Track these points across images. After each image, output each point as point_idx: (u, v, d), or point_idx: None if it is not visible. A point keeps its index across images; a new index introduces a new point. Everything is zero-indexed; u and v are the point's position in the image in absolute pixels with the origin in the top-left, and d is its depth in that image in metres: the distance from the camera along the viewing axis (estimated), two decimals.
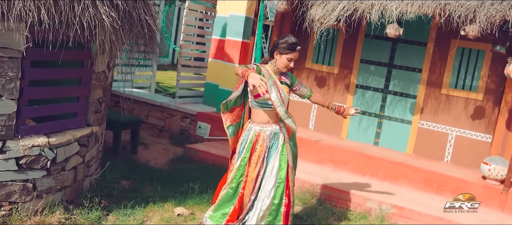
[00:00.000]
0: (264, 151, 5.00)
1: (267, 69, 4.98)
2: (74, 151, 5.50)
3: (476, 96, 8.44)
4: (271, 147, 5.02)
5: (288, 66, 4.94)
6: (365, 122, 9.34)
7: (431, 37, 8.70)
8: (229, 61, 9.99)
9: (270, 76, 4.93)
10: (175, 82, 11.45)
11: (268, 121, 5.02)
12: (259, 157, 5.01)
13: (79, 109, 5.69)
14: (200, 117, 9.86)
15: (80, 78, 5.59)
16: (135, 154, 8.47)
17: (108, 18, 4.75)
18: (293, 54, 4.88)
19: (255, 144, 5.01)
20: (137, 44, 5.70)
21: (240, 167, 5.05)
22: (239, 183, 5.07)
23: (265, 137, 4.99)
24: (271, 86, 4.87)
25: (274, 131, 5.02)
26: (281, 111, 4.94)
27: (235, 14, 9.95)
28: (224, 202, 5.12)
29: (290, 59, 4.89)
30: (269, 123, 5.03)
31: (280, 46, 4.90)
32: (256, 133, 5.01)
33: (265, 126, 5.02)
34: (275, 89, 4.88)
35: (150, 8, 5.84)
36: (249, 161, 5.03)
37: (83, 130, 5.65)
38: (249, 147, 5.02)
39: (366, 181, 7.96)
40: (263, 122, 5.02)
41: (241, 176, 5.06)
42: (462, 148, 8.57)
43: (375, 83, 9.26)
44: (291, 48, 4.87)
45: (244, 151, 5.05)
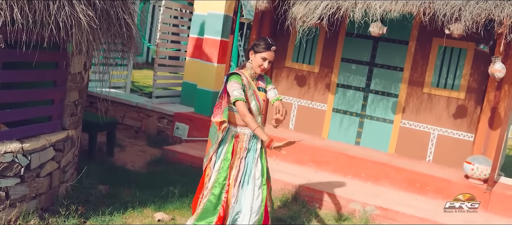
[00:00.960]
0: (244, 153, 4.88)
1: (246, 77, 4.85)
2: (49, 157, 5.25)
3: (458, 95, 8.37)
4: (250, 149, 4.90)
5: (262, 67, 4.75)
6: (346, 121, 9.22)
7: (413, 36, 8.62)
8: (207, 60, 9.78)
9: (250, 85, 4.82)
10: (150, 81, 11.22)
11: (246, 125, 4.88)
12: (239, 159, 4.88)
13: (54, 113, 5.44)
14: (177, 117, 9.65)
15: (55, 80, 5.35)
16: (111, 156, 8.23)
17: (85, 17, 4.51)
18: (267, 53, 4.72)
19: (235, 146, 4.89)
20: (115, 44, 5.47)
21: (222, 171, 4.89)
22: (222, 188, 4.89)
23: (245, 138, 4.87)
24: (251, 96, 4.79)
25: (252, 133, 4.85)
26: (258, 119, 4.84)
27: (214, 12, 9.74)
28: (207, 210, 4.92)
29: (264, 58, 4.72)
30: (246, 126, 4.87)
31: (255, 45, 4.79)
32: (235, 134, 4.90)
33: (244, 128, 4.88)
34: (254, 99, 4.81)
35: (128, 6, 5.61)
36: (230, 164, 4.88)
37: (58, 134, 5.40)
38: (229, 149, 4.89)
39: (348, 182, 7.85)
40: (242, 124, 4.87)
41: (224, 179, 4.89)
42: (444, 148, 8.50)
43: (356, 82, 9.14)
44: (266, 48, 4.72)
45: (223, 153, 4.91)
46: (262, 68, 4.77)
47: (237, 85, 4.69)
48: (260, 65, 4.75)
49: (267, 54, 4.72)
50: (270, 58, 4.74)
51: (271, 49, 4.72)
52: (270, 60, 4.75)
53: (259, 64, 4.75)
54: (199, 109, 9.79)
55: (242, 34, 24.58)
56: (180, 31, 11.35)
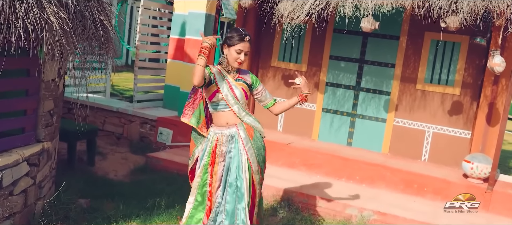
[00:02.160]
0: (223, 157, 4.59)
1: (218, 69, 4.58)
2: (23, 173, 4.80)
3: (452, 90, 8.06)
4: (230, 152, 4.59)
5: (238, 60, 4.46)
6: (337, 121, 8.87)
7: (404, 30, 8.29)
8: (190, 61, 9.37)
9: (222, 74, 4.54)
10: (131, 84, 10.77)
11: (227, 123, 4.62)
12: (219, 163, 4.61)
13: (27, 124, 4.99)
14: (161, 122, 9.23)
15: (26, 88, 4.90)
16: (92, 166, 7.80)
17: (56, 19, 4.07)
18: (241, 44, 4.41)
19: (216, 149, 4.60)
20: (91, 47, 5.04)
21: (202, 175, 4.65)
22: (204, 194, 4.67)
23: (223, 141, 4.58)
24: (222, 83, 4.49)
25: (231, 134, 4.59)
26: (236, 109, 4.57)
27: (195, 11, 9.34)
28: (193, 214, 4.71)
29: (239, 51, 4.43)
30: (227, 125, 4.61)
31: (228, 38, 4.49)
32: (215, 138, 4.61)
33: (223, 129, 4.60)
34: (227, 86, 4.51)
35: (105, 6, 5.18)
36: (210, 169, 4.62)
37: (32, 147, 4.95)
38: (209, 154, 4.61)
39: (342, 186, 7.50)
40: (221, 125, 4.62)
41: (204, 185, 4.66)
42: (440, 146, 8.20)
43: (346, 80, 8.80)
44: (239, 39, 4.42)
45: (204, 158, 4.64)
46: (238, 61, 4.48)
47: None
48: (236, 59, 4.46)
49: (241, 46, 4.43)
50: (245, 49, 4.45)
51: (245, 40, 4.43)
52: (246, 52, 4.47)
53: (235, 58, 4.47)
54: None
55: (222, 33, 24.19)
56: (160, 32, 10.93)
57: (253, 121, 4.66)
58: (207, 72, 4.38)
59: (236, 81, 4.58)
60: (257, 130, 4.68)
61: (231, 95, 4.51)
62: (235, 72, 4.62)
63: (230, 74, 4.59)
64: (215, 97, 4.49)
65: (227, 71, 4.57)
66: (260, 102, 4.91)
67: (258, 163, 4.64)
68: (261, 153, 4.69)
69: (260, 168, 4.69)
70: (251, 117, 4.66)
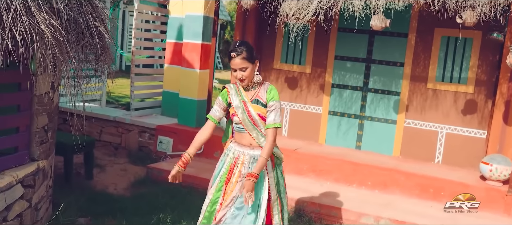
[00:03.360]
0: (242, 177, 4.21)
1: (237, 87, 4.27)
2: (18, 196, 4.42)
3: (466, 89, 7.71)
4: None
5: (238, 78, 4.14)
6: (345, 124, 8.51)
7: (413, 27, 7.94)
8: (188, 66, 8.97)
9: (240, 95, 4.22)
10: (126, 91, 10.37)
11: (250, 144, 4.27)
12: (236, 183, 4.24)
13: (20, 142, 4.61)
14: (160, 130, 8.83)
15: (18, 104, 4.52)
16: (90, 179, 7.43)
17: (48, 27, 3.68)
18: (231, 62, 4.10)
19: (233, 168, 4.25)
20: (86, 55, 4.65)
21: (215, 192, 4.31)
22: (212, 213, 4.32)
23: (244, 161, 4.23)
24: (238, 107, 4.19)
25: (256, 157, 4.20)
26: (255, 135, 4.22)
27: (192, 13, 8.93)
28: None
29: (233, 69, 4.14)
30: (251, 146, 4.25)
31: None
32: (235, 155, 4.26)
33: (245, 149, 4.25)
34: (242, 108, 4.19)
35: (99, 12, 4.79)
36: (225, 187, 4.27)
37: (27, 167, 4.57)
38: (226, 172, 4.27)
39: (354, 192, 7.15)
40: (244, 143, 4.26)
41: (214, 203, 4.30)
42: (454, 147, 7.85)
43: (353, 81, 8.44)
44: (229, 57, 4.12)
45: (220, 174, 4.31)
46: (240, 79, 4.16)
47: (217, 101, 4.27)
48: (236, 77, 4.17)
49: (232, 64, 4.11)
50: (238, 66, 4.08)
51: (232, 56, 4.08)
52: (242, 68, 4.08)
53: (235, 76, 4.18)
54: (183, 120, 8.98)
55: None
56: (155, 36, 10.53)
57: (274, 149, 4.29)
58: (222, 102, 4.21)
59: (253, 103, 4.23)
60: (277, 156, 4.37)
61: (248, 120, 4.19)
62: (254, 89, 4.26)
63: (249, 91, 4.25)
64: (234, 118, 4.23)
65: (245, 88, 4.24)
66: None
67: (277, 193, 4.33)
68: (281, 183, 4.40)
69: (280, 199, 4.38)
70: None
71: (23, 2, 3.54)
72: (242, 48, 4.07)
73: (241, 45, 4.10)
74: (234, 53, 4.04)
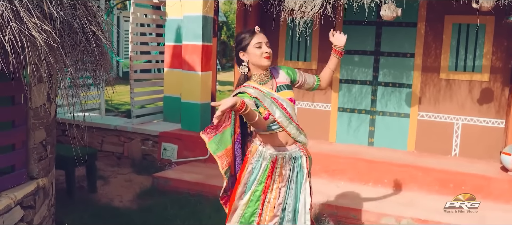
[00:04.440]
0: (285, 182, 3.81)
1: (253, 86, 3.76)
2: (17, 218, 4.09)
3: (481, 77, 7.40)
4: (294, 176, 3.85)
5: (264, 54, 3.69)
6: (355, 120, 8.18)
7: (421, 16, 7.62)
8: (189, 69, 8.63)
9: (264, 93, 3.74)
10: (125, 98, 10.02)
11: (286, 142, 3.87)
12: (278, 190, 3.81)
13: (17, 160, 4.27)
14: (163, 137, 8.50)
15: (12, 119, 4.18)
16: (94, 192, 7.12)
17: (40, 34, 3.34)
18: (256, 37, 3.70)
19: (272, 174, 3.79)
20: (83, 62, 4.31)
21: (250, 203, 3.80)
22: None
23: (283, 163, 3.81)
24: (271, 105, 3.71)
25: (295, 155, 3.86)
26: (292, 129, 3.82)
27: (191, 14, 8.60)
28: None
29: (257, 44, 3.68)
30: (286, 145, 3.86)
31: (239, 42, 3.78)
32: (272, 158, 3.80)
33: (282, 149, 3.82)
34: (275, 105, 3.73)
35: (95, 15, 4.43)
36: (263, 197, 3.79)
37: (26, 187, 4.23)
38: (262, 179, 3.78)
39: (371, 191, 6.83)
40: (278, 144, 3.85)
41: (252, 215, 3.81)
42: (471, 138, 7.54)
43: (362, 75, 8.11)
44: (251, 33, 3.73)
45: (255, 183, 3.80)
46: (266, 56, 3.70)
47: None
48: (261, 54, 3.69)
49: (257, 38, 3.70)
50: (263, 39, 3.72)
51: (256, 31, 3.72)
52: (266, 42, 3.72)
53: (260, 54, 3.69)
54: (187, 125, 8.65)
55: None
56: (152, 40, 10.21)
57: (303, 138, 3.96)
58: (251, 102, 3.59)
59: (279, 91, 3.83)
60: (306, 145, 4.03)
61: (284, 116, 3.77)
62: (269, 78, 3.85)
63: (266, 84, 3.82)
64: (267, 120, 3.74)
65: (261, 81, 3.81)
66: (306, 89, 4.23)
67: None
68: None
69: None
70: (302, 135, 3.95)
71: (11, 7, 3.19)
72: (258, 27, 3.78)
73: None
74: (258, 27, 3.73)
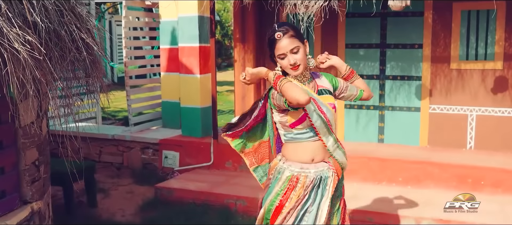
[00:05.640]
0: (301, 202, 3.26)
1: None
2: None
3: (494, 65, 7.11)
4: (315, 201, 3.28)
5: (290, 65, 3.13)
6: (363, 117, 7.89)
7: (428, 4, 7.33)
8: (187, 72, 8.30)
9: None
10: (121, 104, 9.69)
11: (313, 159, 3.30)
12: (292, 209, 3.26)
13: (7, 185, 3.93)
14: (164, 145, 8.17)
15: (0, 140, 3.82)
16: (94, 207, 6.77)
17: (23, 45, 2.98)
18: (278, 47, 3.15)
19: (289, 192, 3.26)
20: (74, 72, 3.96)
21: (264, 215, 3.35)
22: None
23: (306, 182, 3.25)
24: (310, 109, 3.17)
25: (322, 174, 3.30)
26: (329, 140, 3.28)
27: (186, 15, 8.27)
28: None
29: (282, 56, 3.15)
30: (313, 162, 3.31)
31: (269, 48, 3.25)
32: (294, 175, 3.27)
33: (306, 166, 3.28)
34: (313, 106, 3.17)
35: (85, 21, 4.04)
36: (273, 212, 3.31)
37: (19, 213, 3.90)
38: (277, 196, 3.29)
39: (385, 191, 6.52)
40: (303, 160, 3.29)
41: None
42: (486, 130, 7.26)
43: (368, 69, 7.81)
44: (271, 43, 3.19)
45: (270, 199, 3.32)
46: (292, 67, 3.14)
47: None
48: (287, 66, 3.16)
49: (279, 49, 3.15)
50: (286, 49, 3.12)
51: (276, 37, 3.14)
52: (291, 50, 3.12)
53: (285, 66, 3.17)
54: (187, 130, 8.31)
55: None
56: (146, 44, 9.87)
57: (341, 156, 3.40)
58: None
59: (320, 95, 3.31)
60: (343, 167, 3.47)
61: (322, 120, 3.20)
62: (310, 80, 3.33)
63: (306, 85, 3.28)
64: (303, 123, 3.23)
65: (300, 81, 3.27)
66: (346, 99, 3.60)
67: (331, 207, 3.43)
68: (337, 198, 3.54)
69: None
70: (340, 150, 3.39)
71: None
72: (286, 27, 3.18)
73: (283, 24, 3.22)
74: (279, 32, 3.13)
